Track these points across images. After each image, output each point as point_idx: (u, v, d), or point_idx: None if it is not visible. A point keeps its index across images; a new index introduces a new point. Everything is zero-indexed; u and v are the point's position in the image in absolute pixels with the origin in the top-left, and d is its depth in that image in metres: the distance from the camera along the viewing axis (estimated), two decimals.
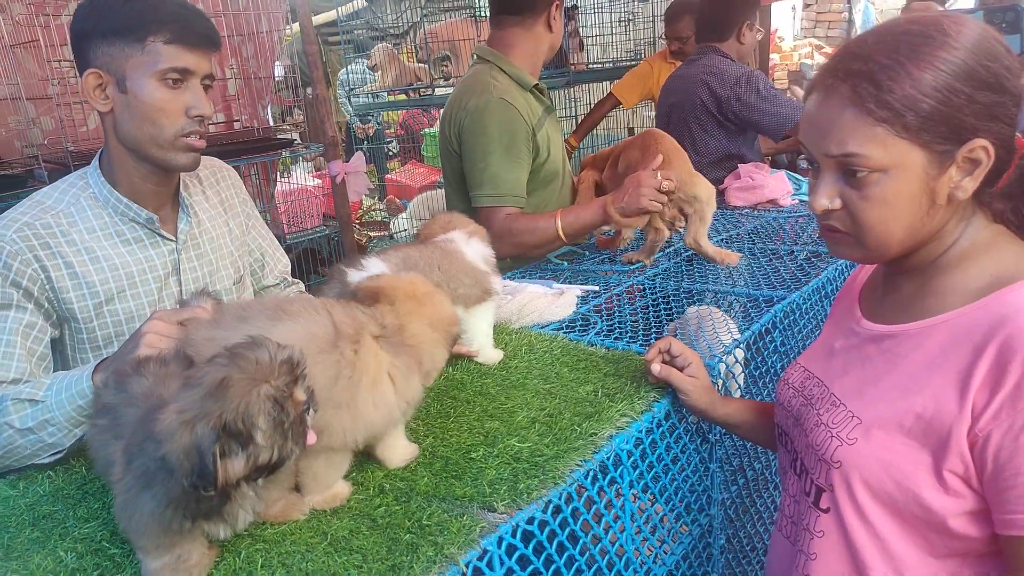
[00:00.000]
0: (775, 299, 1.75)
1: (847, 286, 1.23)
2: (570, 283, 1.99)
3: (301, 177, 5.14)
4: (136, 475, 0.89)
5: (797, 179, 2.85)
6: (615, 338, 1.61)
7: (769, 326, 1.65)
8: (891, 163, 0.92)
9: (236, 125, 3.74)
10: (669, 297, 1.89)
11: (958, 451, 0.90)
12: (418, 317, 1.16)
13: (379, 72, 5.52)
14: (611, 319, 1.76)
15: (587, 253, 2.37)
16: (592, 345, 1.57)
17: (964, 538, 0.94)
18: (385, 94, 5.42)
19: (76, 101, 3.00)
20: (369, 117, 7.28)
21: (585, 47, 5.17)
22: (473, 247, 1.58)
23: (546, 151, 2.27)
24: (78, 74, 1.48)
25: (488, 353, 1.54)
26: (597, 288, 1.95)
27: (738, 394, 1.54)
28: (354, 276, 1.33)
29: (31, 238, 1.42)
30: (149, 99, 1.43)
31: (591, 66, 5.16)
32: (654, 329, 1.69)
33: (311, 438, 0.92)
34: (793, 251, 2.19)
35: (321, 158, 5.32)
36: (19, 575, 0.99)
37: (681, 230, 2.23)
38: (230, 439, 0.83)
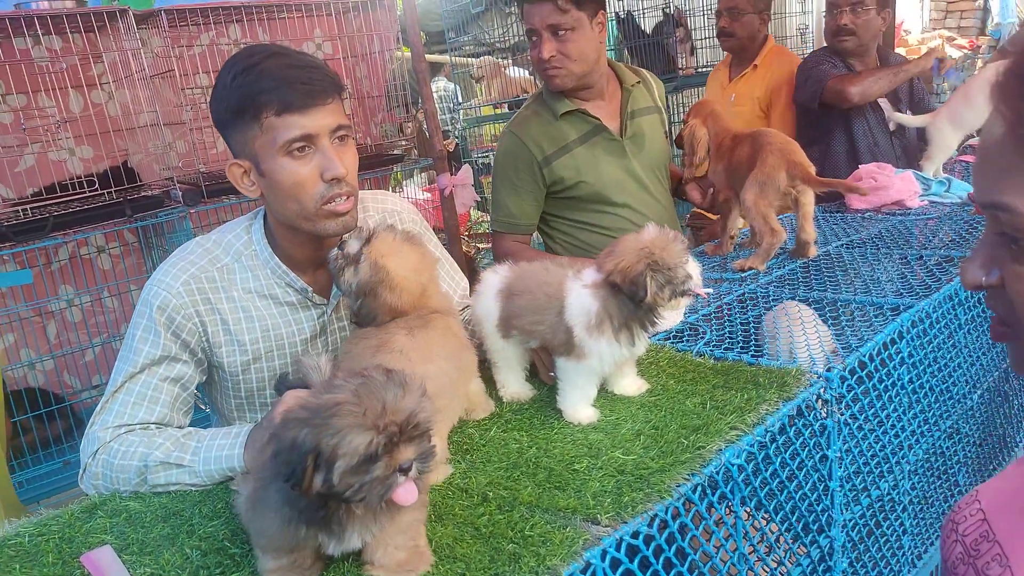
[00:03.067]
0: (902, 307, 1.64)
1: None
2: None
3: (412, 191, 5.29)
4: (271, 468, 0.92)
5: (926, 179, 2.66)
6: (725, 348, 1.55)
7: (896, 336, 1.54)
8: None
9: None
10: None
11: None
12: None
13: (483, 84, 5.62)
14: (721, 329, 1.70)
15: (696, 261, 2.30)
16: (700, 356, 1.51)
17: None
18: (486, 108, 5.50)
19: (207, 125, 3.22)
20: (448, 133, 7.37)
21: (695, 51, 5.07)
22: (578, 294, 1.34)
23: (574, 176, 2.33)
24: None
25: (571, 412, 1.34)
26: (711, 291, 1.89)
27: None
28: None
29: (195, 292, 1.46)
30: (283, 177, 1.39)
31: (700, 70, 5.05)
32: (767, 339, 1.62)
33: (404, 496, 0.89)
34: (922, 256, 2.04)
35: (431, 172, 5.46)
36: (152, 569, 1.06)
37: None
38: (319, 457, 0.85)
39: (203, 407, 2.41)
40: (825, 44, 3.17)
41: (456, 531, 1.03)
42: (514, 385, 1.46)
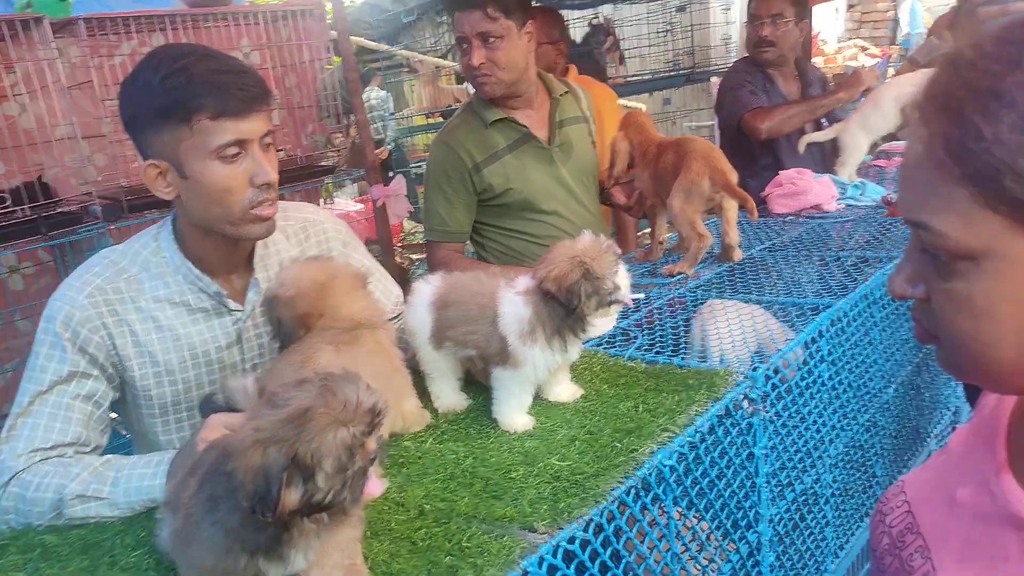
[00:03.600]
0: (821, 307, 1.71)
1: None
2: None
3: (345, 202, 5.24)
4: (203, 499, 0.90)
5: (843, 183, 2.78)
6: (656, 352, 1.59)
7: (816, 335, 1.61)
8: (980, 248, 0.60)
9: (280, 155, 3.83)
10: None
11: None
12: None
13: (418, 94, 5.62)
14: (652, 333, 1.74)
15: (626, 267, 2.35)
16: (632, 360, 1.55)
17: None
18: (418, 117, 5.50)
19: (128, 138, 3.11)
20: (382, 143, 7.37)
21: (624, 60, 5.18)
22: (511, 302, 1.35)
23: (503, 184, 2.37)
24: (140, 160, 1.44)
25: (507, 421, 1.34)
26: (642, 296, 1.94)
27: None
28: None
29: (101, 304, 1.42)
30: (211, 180, 1.37)
31: (629, 79, 5.16)
32: (696, 343, 1.67)
33: (375, 488, 0.92)
34: (839, 257, 2.14)
35: (364, 183, 5.41)
36: None
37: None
38: (296, 470, 0.84)
39: (124, 432, 2.33)
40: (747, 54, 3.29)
41: (392, 546, 1.03)
42: (449, 396, 1.46)
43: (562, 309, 1.30)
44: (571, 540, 1.01)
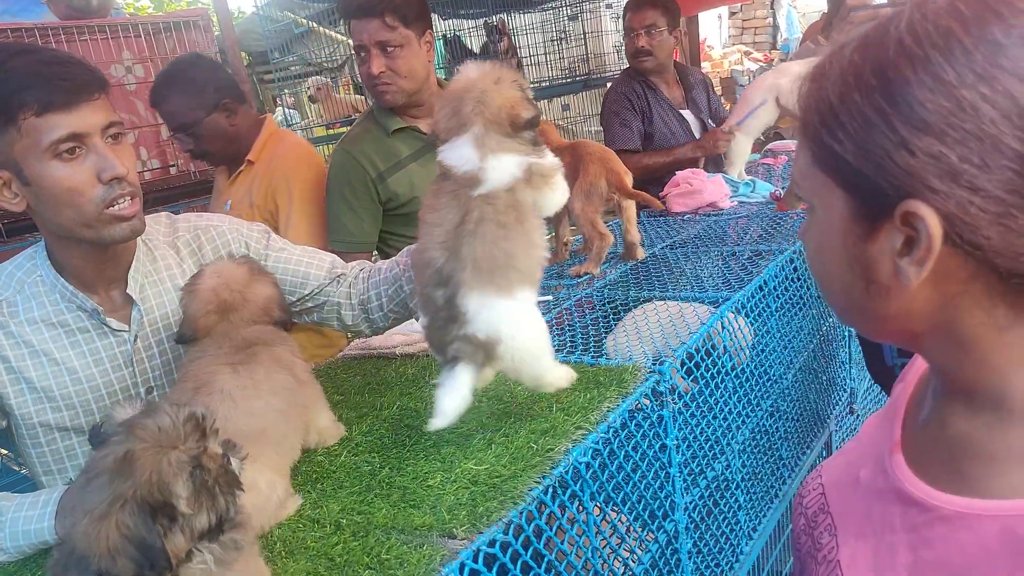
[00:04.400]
0: (720, 300, 1.78)
1: (911, 363, 0.87)
2: None
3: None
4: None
5: (734, 182, 2.91)
6: (567, 352, 1.61)
7: (717, 327, 1.67)
8: (812, 198, 0.71)
9: (172, 170, 3.67)
10: (618, 307, 1.90)
11: None
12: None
13: (317, 104, 5.51)
14: (562, 334, 1.76)
15: None
16: None
17: None
18: (318, 129, 5.40)
19: None
20: None
21: (522, 65, 5.24)
22: None
23: (408, 192, 2.36)
24: None
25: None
26: (550, 298, 1.96)
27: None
28: None
29: None
30: (53, 183, 1.28)
31: (530, 85, 5.23)
32: (604, 340, 1.70)
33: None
34: (735, 252, 2.23)
35: None
36: None
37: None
38: (160, 516, 0.78)
39: (16, 468, 2.18)
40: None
41: (309, 564, 1.00)
42: None
43: None
44: (491, 543, 1.00)
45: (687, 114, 3.30)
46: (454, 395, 1.15)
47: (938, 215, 0.60)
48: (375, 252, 2.53)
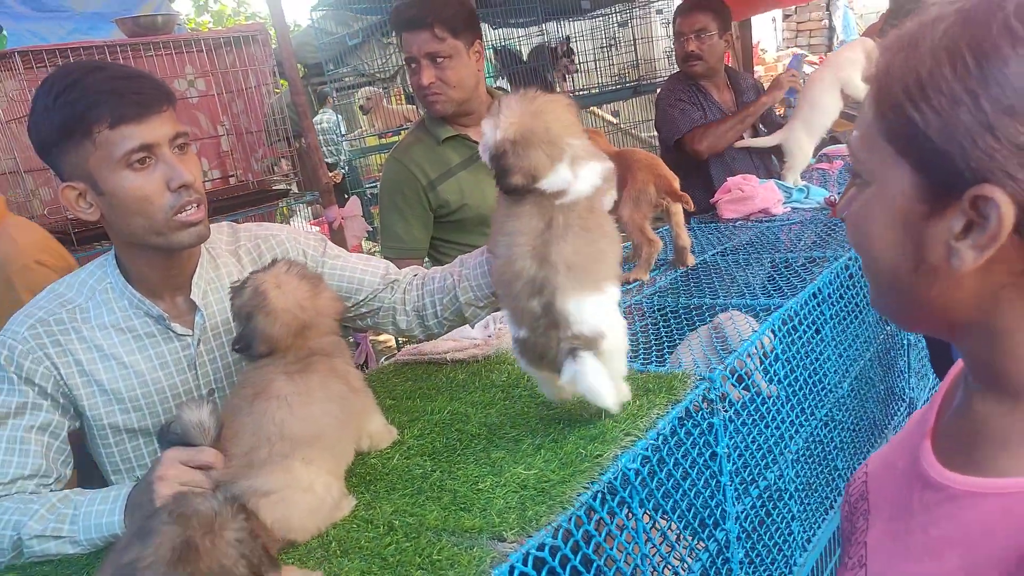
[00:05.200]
0: (772, 307, 1.76)
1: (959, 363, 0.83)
2: None
3: (300, 226, 5.20)
4: None
5: (787, 187, 2.86)
6: None
7: (768, 334, 1.65)
8: (872, 171, 0.70)
9: (231, 180, 3.79)
10: (668, 314, 1.89)
11: None
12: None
13: (369, 115, 5.61)
14: None
15: None
16: None
17: None
18: (370, 138, 5.50)
19: None
20: (336, 165, 7.33)
21: (569, 75, 5.26)
22: None
23: (458, 200, 2.41)
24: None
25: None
26: None
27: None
28: None
29: (42, 335, 1.41)
30: (125, 192, 1.34)
31: (578, 92, 5.24)
32: (654, 347, 1.69)
33: None
34: (788, 259, 2.20)
35: (319, 205, 5.38)
36: None
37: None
38: None
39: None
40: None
41: (363, 564, 1.02)
42: None
43: None
44: (540, 547, 1.01)
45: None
46: (599, 375, 1.19)
47: (1013, 203, 0.59)
48: (426, 259, 2.57)
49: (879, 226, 0.69)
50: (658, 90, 3.52)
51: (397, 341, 5.41)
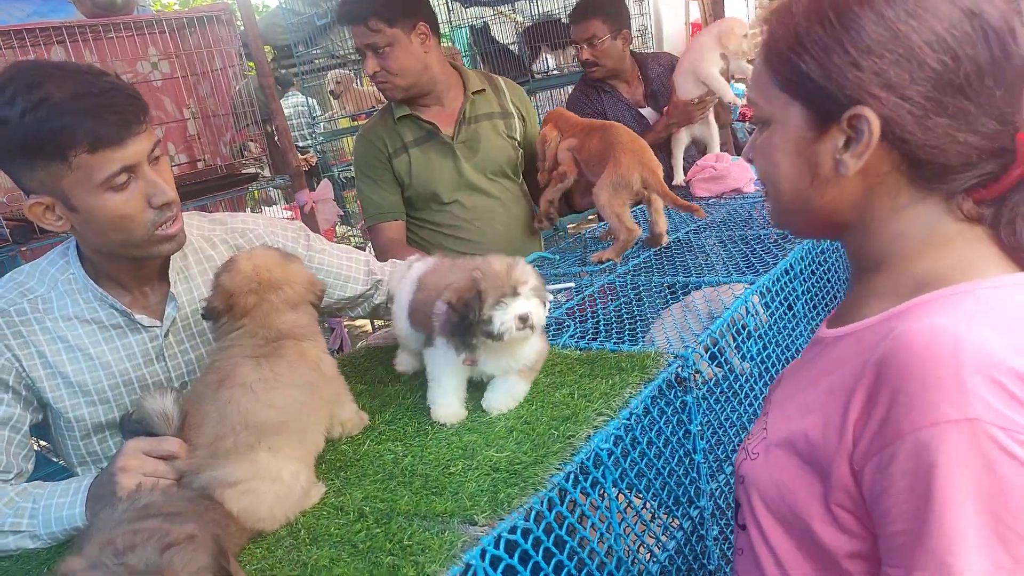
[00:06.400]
0: (745, 284, 1.75)
1: None
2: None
3: (274, 211, 5.13)
4: None
5: None
6: (589, 339, 1.60)
7: (741, 311, 1.65)
8: (771, 114, 0.89)
9: (199, 164, 3.72)
10: (641, 292, 1.89)
11: (843, 484, 0.80)
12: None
13: (340, 99, 5.53)
14: (584, 321, 1.76)
15: (558, 257, 2.37)
16: (566, 348, 1.56)
17: None
18: (343, 120, 5.42)
19: None
20: (308, 148, 7.25)
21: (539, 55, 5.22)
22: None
23: (407, 177, 2.50)
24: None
25: (435, 411, 1.35)
26: (572, 285, 1.96)
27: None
28: None
29: (3, 327, 1.36)
30: (104, 211, 1.29)
31: (551, 73, 5.20)
32: (627, 327, 1.69)
33: None
34: (760, 236, 2.20)
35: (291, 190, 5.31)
36: None
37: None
38: None
39: (55, 459, 2.23)
40: (661, 49, 3.34)
41: (333, 551, 1.01)
42: (407, 363, 1.57)
43: (459, 317, 1.29)
44: (512, 530, 1.00)
45: (647, 112, 3.22)
46: None
47: (878, 117, 0.80)
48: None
49: (781, 154, 0.89)
50: None
51: (372, 325, 5.38)
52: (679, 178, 2.95)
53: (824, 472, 0.82)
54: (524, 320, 1.24)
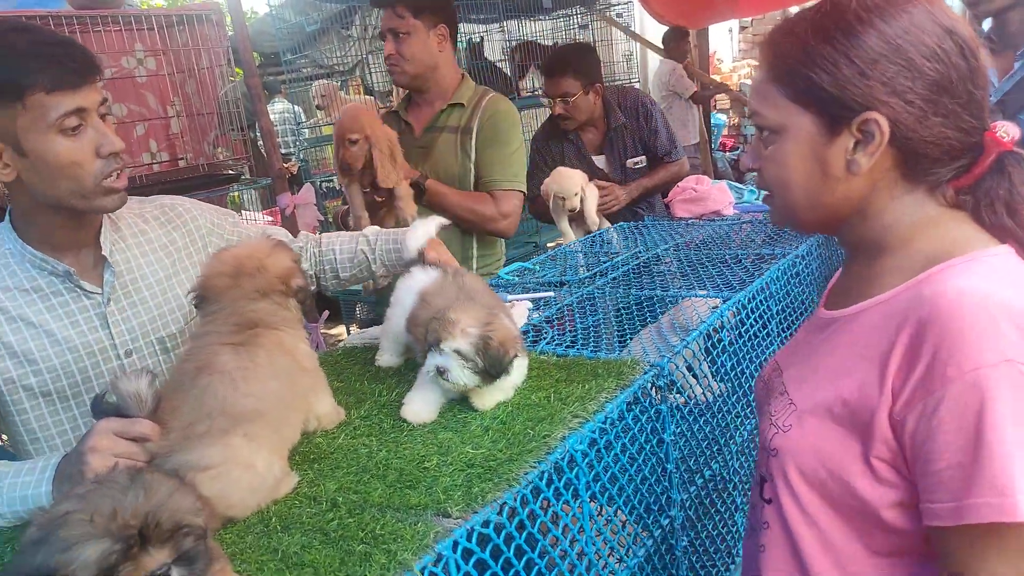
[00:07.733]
0: (722, 300, 1.78)
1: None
2: (521, 294, 2.00)
3: (254, 214, 5.10)
4: None
5: (739, 188, 2.92)
6: (567, 346, 1.62)
7: (717, 326, 1.67)
8: (782, 124, 0.99)
9: (181, 163, 3.69)
10: (619, 306, 1.90)
11: (883, 437, 0.90)
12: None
13: (325, 109, 5.54)
14: (563, 329, 1.77)
15: (537, 268, 2.38)
16: (544, 354, 1.57)
17: (900, 532, 0.93)
18: (327, 128, 5.42)
19: None
20: (291, 156, 7.25)
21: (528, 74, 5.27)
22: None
23: None
24: None
25: (403, 409, 1.37)
26: (551, 294, 1.97)
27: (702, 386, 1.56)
28: None
29: None
30: (55, 156, 1.33)
31: (535, 92, 5.26)
32: (604, 336, 1.70)
33: None
34: (738, 255, 2.23)
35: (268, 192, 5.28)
36: None
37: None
38: None
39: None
40: (646, 76, 3.39)
41: (304, 539, 1.00)
42: (389, 358, 1.63)
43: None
44: (485, 524, 1.01)
45: (600, 159, 3.28)
46: None
47: (887, 120, 0.92)
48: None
49: (795, 158, 0.99)
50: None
51: (348, 332, 5.34)
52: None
53: (864, 428, 0.92)
54: (441, 372, 1.30)
